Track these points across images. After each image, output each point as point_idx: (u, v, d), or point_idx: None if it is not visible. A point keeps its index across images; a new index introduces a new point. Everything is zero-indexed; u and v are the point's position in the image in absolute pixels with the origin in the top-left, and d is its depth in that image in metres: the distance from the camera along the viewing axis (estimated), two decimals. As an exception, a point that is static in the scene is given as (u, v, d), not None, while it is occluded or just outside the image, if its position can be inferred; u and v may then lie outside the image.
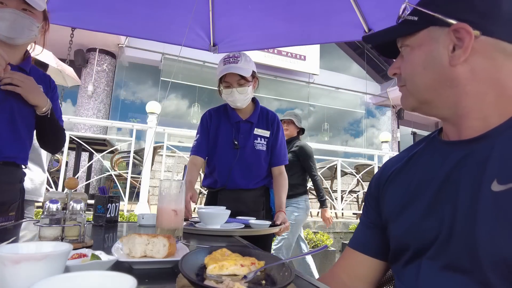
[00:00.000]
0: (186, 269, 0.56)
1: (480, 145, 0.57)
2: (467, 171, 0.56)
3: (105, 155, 4.02)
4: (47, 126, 1.30)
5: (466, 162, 0.57)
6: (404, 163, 0.71)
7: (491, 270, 0.49)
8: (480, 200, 0.52)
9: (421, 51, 0.62)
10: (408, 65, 0.64)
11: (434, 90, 0.61)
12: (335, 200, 4.90)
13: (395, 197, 0.69)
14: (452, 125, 0.63)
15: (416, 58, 0.63)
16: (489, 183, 0.52)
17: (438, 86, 0.61)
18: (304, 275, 0.70)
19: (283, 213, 1.54)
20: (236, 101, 1.58)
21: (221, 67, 1.56)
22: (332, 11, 2.06)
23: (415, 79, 0.63)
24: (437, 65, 0.60)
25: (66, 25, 2.15)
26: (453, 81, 0.59)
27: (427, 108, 0.65)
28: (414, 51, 0.63)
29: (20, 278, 0.43)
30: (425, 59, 0.61)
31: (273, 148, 1.68)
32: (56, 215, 0.83)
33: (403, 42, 0.65)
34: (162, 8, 2.11)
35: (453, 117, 0.62)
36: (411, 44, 0.64)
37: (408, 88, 0.65)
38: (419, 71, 0.62)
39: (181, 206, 0.94)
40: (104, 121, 5.82)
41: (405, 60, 0.65)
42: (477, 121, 0.58)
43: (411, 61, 0.64)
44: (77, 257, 0.62)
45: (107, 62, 6.70)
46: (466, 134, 0.60)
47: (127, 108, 7.54)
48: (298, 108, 9.28)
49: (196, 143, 1.66)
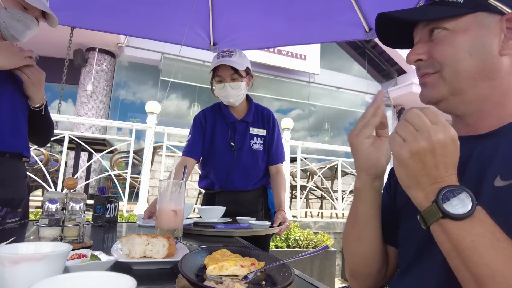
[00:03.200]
0: (186, 269, 0.55)
1: (488, 141, 0.57)
2: (472, 167, 0.56)
3: (104, 155, 4.01)
4: (40, 120, 1.32)
5: (472, 158, 0.57)
6: None
7: None
8: (482, 195, 0.52)
9: (468, 36, 0.58)
10: (450, 49, 0.59)
11: (473, 79, 0.58)
12: (336, 200, 4.90)
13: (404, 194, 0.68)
14: (465, 124, 0.62)
15: (462, 43, 0.58)
16: (492, 178, 0.52)
17: (478, 76, 0.57)
18: (304, 275, 0.70)
19: (283, 212, 1.53)
20: (228, 97, 1.54)
21: (215, 60, 1.54)
22: (332, 11, 2.05)
23: (458, 65, 0.58)
24: (486, 52, 0.57)
25: (66, 24, 2.15)
26: (494, 72, 0.57)
27: (455, 101, 0.60)
28: (458, 35, 0.58)
29: (20, 279, 0.43)
30: (473, 44, 0.57)
31: (269, 146, 1.66)
32: (55, 215, 0.83)
33: (441, 25, 0.60)
34: (162, 7, 2.11)
35: (474, 114, 0.60)
36: (452, 28, 0.59)
37: (445, 74, 0.59)
38: (463, 56, 0.57)
39: (181, 207, 0.94)
40: (104, 121, 5.82)
41: (445, 44, 0.59)
42: (496, 120, 0.58)
43: (455, 45, 0.58)
44: (76, 257, 0.62)
45: (106, 61, 6.69)
46: (478, 131, 0.59)
47: (127, 108, 7.53)
48: (299, 108, 9.28)
49: (188, 143, 1.62)
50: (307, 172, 5.31)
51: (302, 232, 3.49)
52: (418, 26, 0.64)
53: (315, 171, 4.97)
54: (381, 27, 0.68)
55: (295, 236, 3.42)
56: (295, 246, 3.40)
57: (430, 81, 0.62)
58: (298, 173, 4.70)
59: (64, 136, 3.54)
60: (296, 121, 8.52)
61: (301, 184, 4.74)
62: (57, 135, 3.51)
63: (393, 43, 0.71)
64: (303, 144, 4.76)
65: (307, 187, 4.83)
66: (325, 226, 4.20)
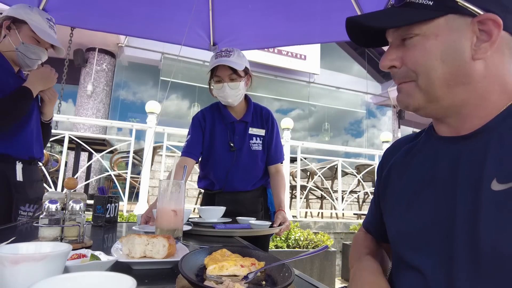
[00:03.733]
0: (186, 269, 0.55)
1: (474, 142, 0.56)
2: (464, 169, 0.55)
3: (104, 155, 4.01)
4: (47, 131, 1.60)
5: (463, 160, 0.56)
6: (404, 155, 0.71)
7: (492, 271, 0.48)
8: (482, 200, 0.51)
9: (439, 41, 0.55)
10: (422, 57, 0.56)
11: (447, 86, 0.56)
12: (336, 201, 4.90)
13: (393, 195, 0.69)
14: (447, 125, 0.61)
15: (434, 49, 0.55)
16: (488, 182, 0.51)
17: (452, 82, 0.56)
18: (304, 275, 0.70)
19: (283, 212, 1.52)
20: (227, 97, 1.53)
21: (213, 60, 1.53)
22: (332, 10, 2.05)
23: (431, 73, 0.56)
24: (458, 58, 0.55)
25: (66, 24, 2.15)
26: (467, 77, 0.55)
27: (432, 108, 0.59)
28: (429, 41, 0.56)
29: (20, 279, 0.43)
30: (444, 50, 0.55)
31: (269, 146, 1.65)
32: (55, 215, 0.83)
33: (411, 31, 0.57)
34: (162, 7, 2.11)
35: (453, 117, 0.59)
36: (423, 33, 0.56)
37: (420, 83, 0.58)
38: (436, 64, 0.55)
39: (181, 206, 0.94)
40: (104, 121, 5.81)
41: (417, 50, 0.57)
42: (477, 120, 0.57)
43: (427, 52, 0.56)
44: (76, 257, 0.62)
45: (106, 61, 6.69)
46: (461, 132, 0.59)
47: (127, 108, 7.53)
48: (299, 108, 9.28)
49: (187, 143, 1.60)
50: (307, 172, 5.31)
51: (302, 232, 3.49)
52: (389, 31, 0.62)
53: (315, 171, 4.96)
54: (352, 29, 0.65)
55: (295, 236, 3.42)
56: (295, 246, 3.40)
57: (406, 89, 0.60)
58: (298, 173, 4.70)
59: (64, 136, 3.53)
60: (296, 121, 8.52)
61: (301, 184, 4.74)
62: (57, 135, 3.51)
63: (367, 44, 0.68)
64: (303, 144, 4.76)
65: (307, 187, 4.83)
66: (325, 226, 4.20)
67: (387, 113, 10.00)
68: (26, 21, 1.37)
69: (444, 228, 0.55)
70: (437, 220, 0.57)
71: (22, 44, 1.37)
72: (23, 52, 1.37)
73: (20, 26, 1.38)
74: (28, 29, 1.37)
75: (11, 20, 1.37)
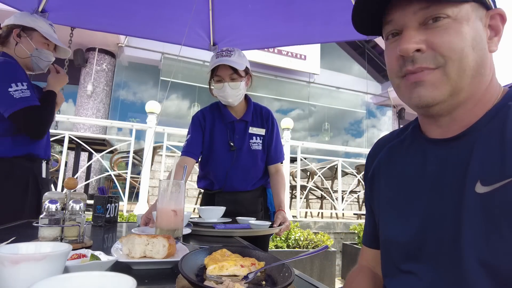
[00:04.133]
0: (186, 269, 0.55)
1: (461, 143, 0.55)
2: (450, 172, 0.54)
3: (104, 155, 4.01)
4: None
5: (447, 163, 0.55)
6: (389, 153, 0.69)
7: (476, 275, 0.48)
8: (465, 202, 0.50)
9: (470, 27, 0.51)
10: (458, 41, 0.51)
11: (472, 76, 0.52)
12: (336, 201, 4.90)
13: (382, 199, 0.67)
14: (437, 126, 0.59)
15: (468, 35, 0.51)
16: (472, 184, 0.50)
17: (476, 72, 0.52)
18: (304, 275, 0.70)
19: (283, 212, 1.52)
20: (227, 97, 1.53)
21: (213, 60, 1.53)
22: (332, 10, 2.05)
23: (464, 60, 0.51)
24: (483, 48, 0.52)
25: (66, 24, 2.15)
26: (485, 69, 0.53)
27: (449, 103, 0.54)
28: (462, 25, 0.51)
29: (20, 279, 0.43)
30: (474, 37, 0.51)
31: (269, 145, 1.65)
32: (55, 215, 0.83)
33: (444, 11, 0.51)
34: (162, 7, 2.11)
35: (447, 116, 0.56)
36: (455, 16, 0.52)
37: (450, 70, 0.51)
38: (468, 50, 0.51)
39: (181, 206, 0.94)
40: (104, 121, 5.81)
41: (451, 34, 0.51)
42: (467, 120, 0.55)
43: (462, 37, 0.51)
44: (76, 257, 0.62)
45: (106, 61, 6.69)
46: (449, 134, 0.57)
47: (127, 108, 7.53)
48: (299, 108, 9.28)
49: (187, 143, 1.60)
50: (307, 172, 5.31)
51: (302, 232, 3.49)
52: (408, 9, 0.54)
53: (315, 171, 4.96)
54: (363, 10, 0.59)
55: (295, 236, 3.42)
56: (295, 246, 3.40)
57: (430, 80, 0.53)
58: (298, 173, 4.70)
59: (64, 136, 3.53)
60: (296, 121, 8.52)
61: (301, 184, 4.74)
62: (57, 135, 3.51)
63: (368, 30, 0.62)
64: (303, 144, 4.76)
65: (307, 187, 4.83)
66: (325, 226, 4.19)
67: (387, 113, 10.00)
68: (36, 28, 1.48)
69: (433, 233, 0.54)
70: (426, 226, 0.56)
71: (36, 50, 1.48)
72: (38, 56, 1.49)
73: (31, 33, 1.48)
74: (39, 35, 1.49)
75: (21, 28, 1.47)
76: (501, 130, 0.50)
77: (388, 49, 0.59)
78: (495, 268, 0.46)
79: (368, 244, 0.76)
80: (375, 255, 0.73)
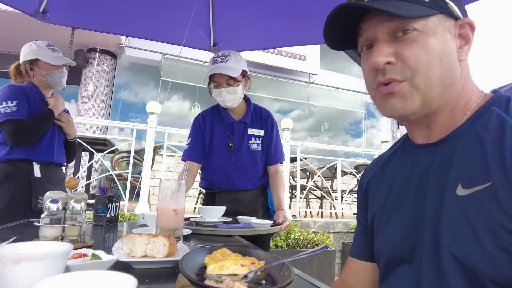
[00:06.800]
0: (186, 269, 0.56)
1: (444, 147, 0.56)
2: (433, 175, 0.55)
3: (105, 155, 4.01)
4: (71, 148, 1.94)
5: (432, 166, 0.56)
6: (381, 167, 0.71)
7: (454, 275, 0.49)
8: (445, 205, 0.51)
9: (437, 39, 0.53)
10: (424, 54, 0.52)
11: (442, 86, 0.53)
12: (335, 200, 4.90)
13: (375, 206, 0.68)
14: (419, 131, 0.61)
15: (434, 47, 0.52)
16: (454, 187, 0.51)
17: (446, 82, 0.54)
18: (304, 275, 0.71)
19: (283, 212, 1.54)
20: (225, 101, 1.56)
21: (210, 66, 1.55)
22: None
23: (430, 72, 0.52)
24: (451, 58, 0.54)
25: (66, 25, 2.16)
26: (455, 78, 0.55)
27: (422, 112, 0.56)
28: (429, 38, 0.53)
29: (21, 278, 0.44)
30: (442, 49, 0.53)
31: (268, 146, 1.67)
32: (56, 215, 0.83)
33: (411, 24, 0.53)
34: (162, 8, 2.11)
35: (426, 122, 0.58)
36: (422, 29, 0.53)
37: (417, 82, 0.53)
38: (435, 63, 0.52)
39: (181, 206, 0.94)
40: (105, 121, 5.82)
41: (418, 47, 0.53)
42: (448, 125, 0.57)
43: (429, 49, 0.52)
44: (77, 256, 0.62)
45: (107, 62, 6.69)
46: (432, 139, 0.59)
47: (128, 108, 7.53)
48: (299, 108, 9.28)
49: (189, 147, 1.63)
50: (306, 172, 5.31)
51: (302, 232, 3.50)
52: (375, 23, 0.55)
53: (315, 171, 4.97)
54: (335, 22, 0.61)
55: (295, 236, 3.42)
56: (294, 245, 3.41)
57: (400, 91, 0.54)
58: (298, 173, 4.70)
59: (64, 136, 3.53)
60: (296, 122, 8.52)
61: (301, 184, 4.74)
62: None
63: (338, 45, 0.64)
64: (302, 144, 4.76)
65: (307, 187, 4.83)
66: (324, 226, 4.20)
67: (387, 113, 9.99)
68: (39, 58, 1.73)
69: (420, 236, 0.55)
70: (413, 229, 0.57)
71: (47, 75, 1.74)
72: (52, 78, 1.75)
73: (37, 63, 1.74)
74: (43, 62, 1.73)
75: (29, 63, 1.73)
76: (482, 135, 0.51)
77: (362, 61, 0.61)
78: (470, 268, 0.47)
79: (356, 255, 0.75)
80: (362, 268, 0.73)
